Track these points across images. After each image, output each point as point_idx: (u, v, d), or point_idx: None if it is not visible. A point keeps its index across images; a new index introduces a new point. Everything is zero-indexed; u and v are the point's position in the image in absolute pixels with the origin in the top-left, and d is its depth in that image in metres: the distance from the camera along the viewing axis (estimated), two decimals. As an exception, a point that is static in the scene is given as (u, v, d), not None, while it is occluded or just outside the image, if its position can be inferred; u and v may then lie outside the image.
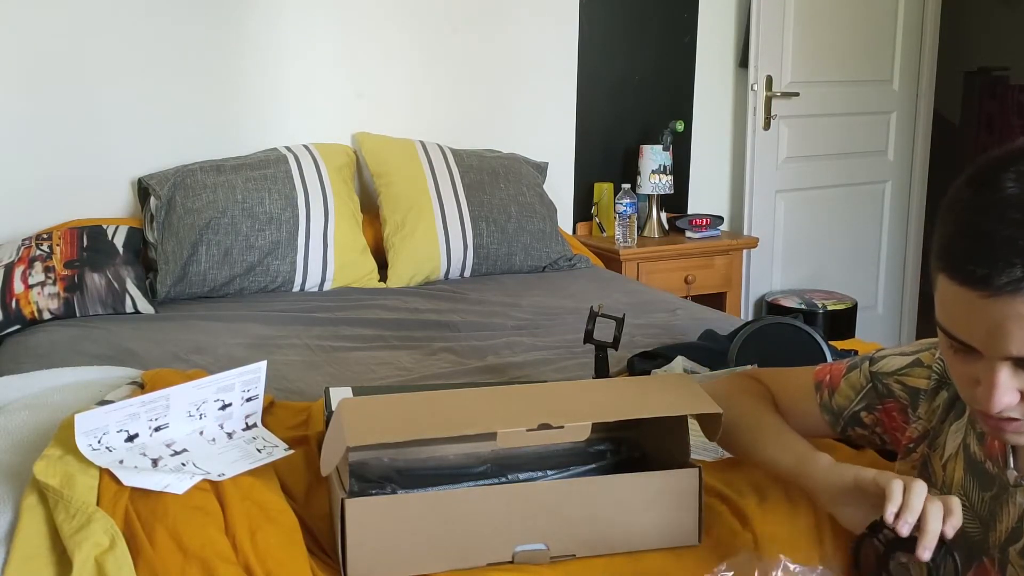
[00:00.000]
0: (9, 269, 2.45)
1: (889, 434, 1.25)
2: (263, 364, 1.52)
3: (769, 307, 3.73)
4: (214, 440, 1.46)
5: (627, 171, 3.58)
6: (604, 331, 1.84)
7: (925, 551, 0.97)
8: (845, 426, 1.30)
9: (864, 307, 3.91)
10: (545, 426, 1.20)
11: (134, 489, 1.28)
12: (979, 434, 1.09)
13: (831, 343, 1.88)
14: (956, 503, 1.00)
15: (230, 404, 1.50)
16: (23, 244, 2.55)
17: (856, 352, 1.99)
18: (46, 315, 2.40)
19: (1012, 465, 1.04)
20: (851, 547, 1.07)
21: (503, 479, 1.30)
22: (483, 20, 3.28)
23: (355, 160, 3.05)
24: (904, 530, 0.97)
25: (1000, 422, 0.95)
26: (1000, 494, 1.05)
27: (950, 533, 0.98)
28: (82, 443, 1.34)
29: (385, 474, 1.30)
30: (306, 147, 2.93)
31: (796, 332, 1.80)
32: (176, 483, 1.29)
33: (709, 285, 3.49)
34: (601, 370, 1.84)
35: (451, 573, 1.21)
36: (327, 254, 2.74)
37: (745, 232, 3.75)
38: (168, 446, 1.42)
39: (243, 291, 2.67)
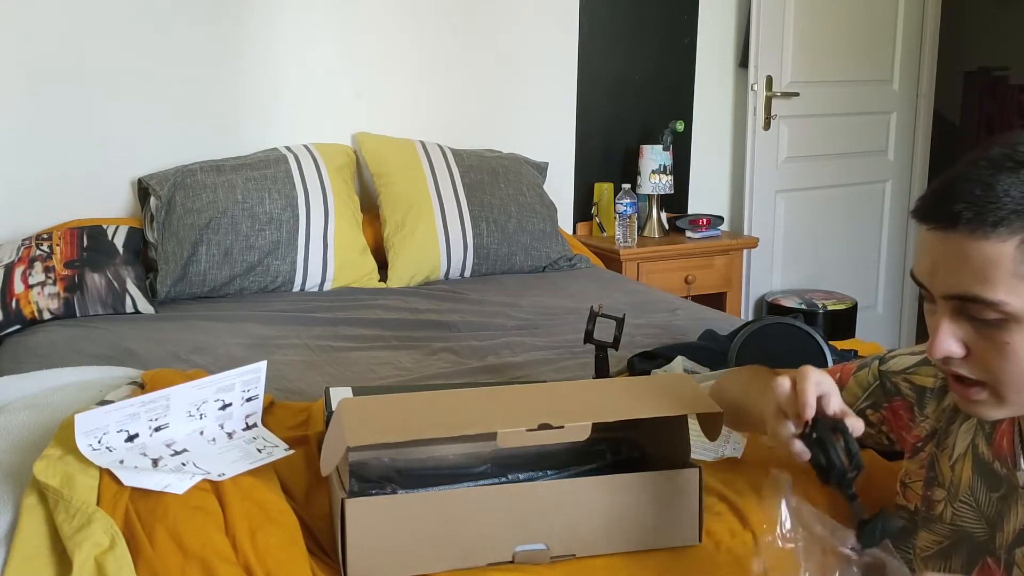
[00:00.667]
0: (9, 269, 2.45)
1: (896, 433, 1.25)
2: (263, 364, 1.52)
3: (769, 307, 3.73)
4: (214, 440, 1.46)
5: (627, 171, 3.58)
6: (604, 331, 1.84)
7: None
8: None
9: (864, 307, 3.91)
10: (545, 426, 1.20)
11: (134, 489, 1.28)
12: (988, 434, 1.08)
13: (831, 343, 1.88)
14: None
15: (230, 404, 1.50)
16: (23, 244, 2.55)
17: (856, 352, 1.99)
18: (46, 315, 2.40)
19: (1022, 467, 1.04)
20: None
21: (503, 479, 1.30)
22: (483, 20, 3.28)
23: (355, 160, 3.05)
24: (807, 412, 1.04)
25: (955, 384, 0.99)
26: (1008, 495, 1.05)
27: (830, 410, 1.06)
28: (82, 443, 1.34)
29: (385, 474, 1.30)
30: (306, 147, 2.93)
31: (796, 332, 1.80)
32: (176, 483, 1.29)
33: (709, 285, 3.49)
34: (601, 370, 1.84)
35: (451, 573, 1.21)
36: (327, 254, 2.75)
37: (745, 232, 3.75)
38: (168, 446, 1.42)
39: (243, 291, 2.67)
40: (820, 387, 1.06)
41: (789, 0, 3.65)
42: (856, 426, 1.05)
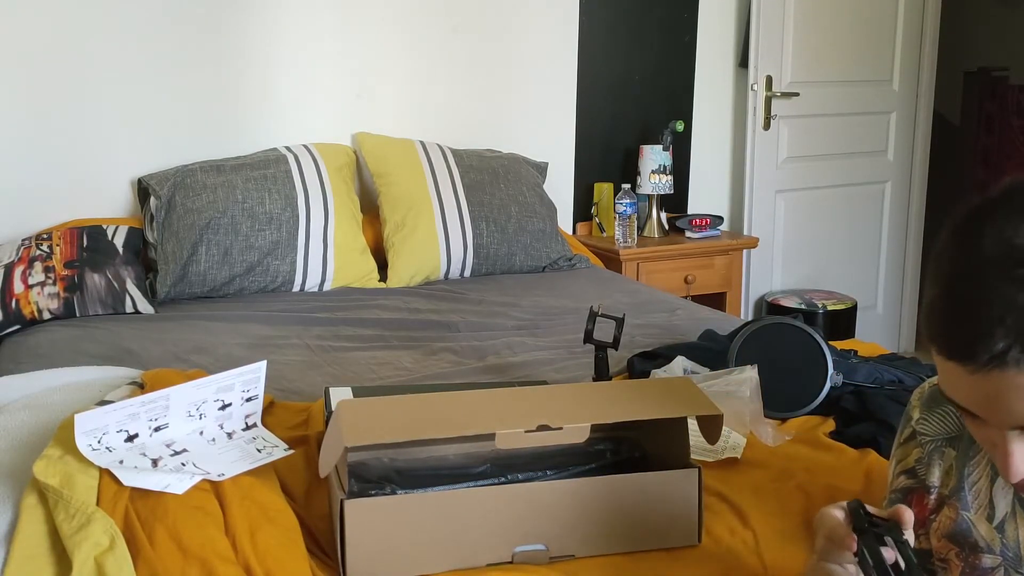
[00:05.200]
0: (9, 269, 2.45)
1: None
2: (263, 364, 1.53)
3: (769, 307, 3.73)
4: (214, 440, 1.46)
5: (627, 171, 3.58)
6: (604, 331, 1.85)
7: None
8: None
9: (864, 307, 3.91)
10: (544, 428, 1.20)
11: (134, 489, 1.28)
12: None
13: (831, 343, 1.88)
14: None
15: (230, 404, 1.50)
16: (23, 244, 2.55)
17: (855, 352, 1.99)
18: (46, 315, 2.40)
19: None
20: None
21: (503, 479, 1.30)
22: (483, 20, 3.28)
23: (355, 160, 3.05)
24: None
25: None
26: None
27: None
28: (82, 443, 1.34)
29: (385, 474, 1.30)
30: (306, 147, 2.93)
31: (796, 332, 1.80)
32: (176, 483, 1.29)
33: (709, 285, 3.49)
34: (601, 370, 1.84)
35: (450, 573, 1.21)
36: (327, 254, 2.75)
37: (745, 232, 3.75)
38: (168, 446, 1.42)
39: (243, 291, 2.67)
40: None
41: (789, 0, 3.65)
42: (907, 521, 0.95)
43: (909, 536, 0.95)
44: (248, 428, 1.52)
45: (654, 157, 3.43)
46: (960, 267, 0.82)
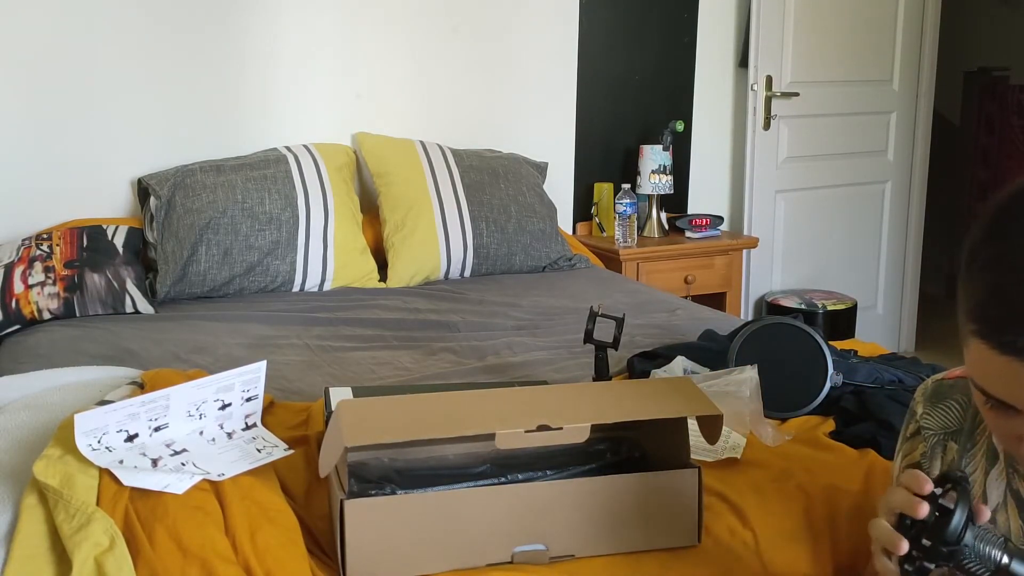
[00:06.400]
0: (9, 269, 2.45)
1: None
2: (263, 364, 1.53)
3: (769, 307, 3.73)
4: (214, 440, 1.46)
5: (627, 171, 3.58)
6: (604, 331, 1.85)
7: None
8: None
9: (864, 307, 3.91)
10: (544, 427, 1.20)
11: (134, 489, 1.28)
12: None
13: (831, 343, 1.88)
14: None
15: (230, 404, 1.50)
16: (23, 244, 2.55)
17: (855, 352, 1.99)
18: (46, 315, 2.40)
19: None
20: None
21: (502, 479, 1.30)
22: (483, 20, 3.28)
23: (355, 160, 3.05)
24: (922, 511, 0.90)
25: None
26: None
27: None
28: (82, 443, 1.34)
29: (384, 474, 1.30)
30: (306, 147, 2.93)
31: (796, 332, 1.80)
32: (176, 483, 1.29)
33: (709, 285, 3.49)
34: (601, 370, 1.84)
35: (450, 573, 1.21)
36: (327, 254, 2.75)
37: (745, 232, 3.75)
38: (168, 446, 1.42)
39: (243, 291, 2.67)
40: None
41: (789, 0, 3.65)
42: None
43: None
44: (248, 428, 1.52)
45: (654, 157, 3.43)
46: (1007, 264, 0.84)
